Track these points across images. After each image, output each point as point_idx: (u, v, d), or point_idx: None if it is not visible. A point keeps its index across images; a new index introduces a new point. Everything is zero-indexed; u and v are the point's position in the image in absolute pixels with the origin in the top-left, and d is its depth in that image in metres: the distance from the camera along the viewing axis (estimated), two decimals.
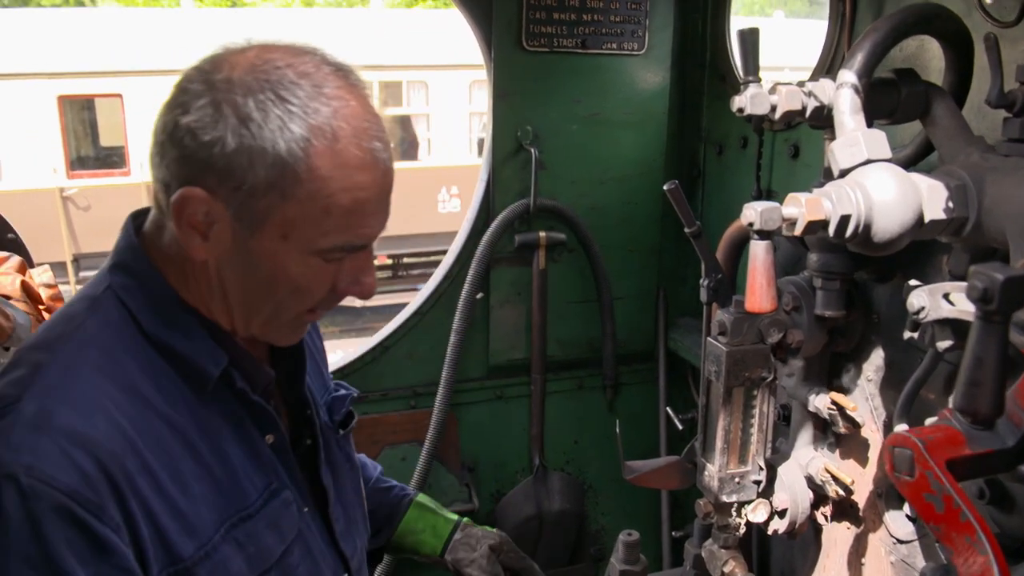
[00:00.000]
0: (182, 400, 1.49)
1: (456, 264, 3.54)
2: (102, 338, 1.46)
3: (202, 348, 1.51)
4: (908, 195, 1.58)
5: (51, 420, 1.33)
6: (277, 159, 1.36)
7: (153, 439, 1.42)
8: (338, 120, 1.39)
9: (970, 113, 1.92)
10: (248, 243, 1.43)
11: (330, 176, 1.39)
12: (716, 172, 3.53)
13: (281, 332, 1.61)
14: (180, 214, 1.41)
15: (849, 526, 2.31)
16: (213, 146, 1.36)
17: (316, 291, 1.52)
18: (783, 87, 1.84)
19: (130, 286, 1.50)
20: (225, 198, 1.39)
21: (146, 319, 1.48)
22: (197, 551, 1.44)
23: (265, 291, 1.50)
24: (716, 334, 2.00)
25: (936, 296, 1.64)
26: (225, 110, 1.36)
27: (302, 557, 1.65)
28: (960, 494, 1.37)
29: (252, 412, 1.60)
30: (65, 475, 1.30)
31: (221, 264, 1.48)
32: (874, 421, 2.20)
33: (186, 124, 1.38)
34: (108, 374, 1.42)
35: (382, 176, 1.46)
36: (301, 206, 1.39)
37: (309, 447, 1.78)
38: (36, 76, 13.73)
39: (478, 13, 3.26)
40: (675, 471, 2.33)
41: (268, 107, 1.36)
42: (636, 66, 3.48)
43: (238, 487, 1.54)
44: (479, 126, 16.37)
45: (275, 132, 1.35)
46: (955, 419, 1.49)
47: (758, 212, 1.64)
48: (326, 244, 1.44)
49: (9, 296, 2.44)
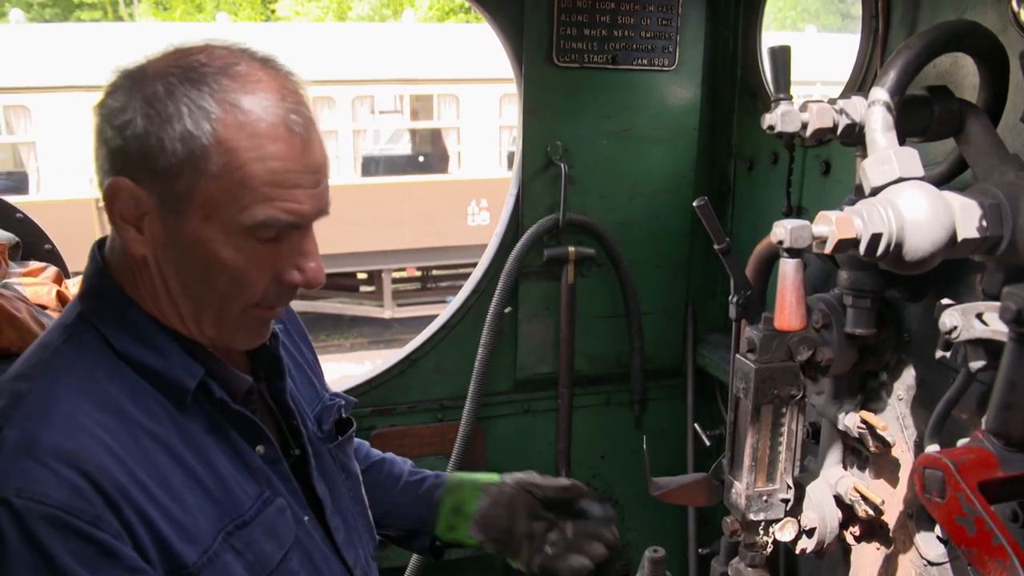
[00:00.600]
0: (165, 415, 1.50)
1: (485, 278, 3.55)
2: (79, 363, 1.47)
3: (176, 362, 1.52)
4: (940, 213, 1.57)
5: (35, 443, 1.34)
6: (185, 133, 1.37)
7: (139, 453, 1.43)
8: (247, 93, 1.41)
9: (1005, 131, 1.90)
10: (177, 230, 1.44)
11: (240, 147, 1.39)
12: (746, 188, 3.51)
13: (237, 332, 1.58)
14: (112, 208, 1.45)
15: (879, 547, 2.28)
16: (125, 130, 1.40)
17: (255, 279, 1.50)
18: (814, 104, 1.84)
19: (100, 309, 1.53)
20: (148, 185, 1.41)
21: (118, 340, 1.50)
22: (200, 557, 1.46)
23: (204, 282, 1.49)
24: (745, 351, 2.00)
25: (969, 316, 1.62)
26: (135, 95, 1.40)
27: (302, 564, 1.65)
28: (993, 517, 1.35)
29: (236, 423, 1.60)
30: (56, 491, 1.31)
31: (159, 258, 1.49)
32: (905, 441, 2.17)
33: (104, 114, 1.43)
34: (88, 396, 1.43)
35: (301, 147, 1.45)
36: (217, 181, 1.40)
37: (299, 458, 1.78)
38: (75, 89, 13.97)
39: (509, 28, 3.28)
40: (702, 488, 2.31)
41: (175, 87, 1.39)
42: (667, 82, 3.48)
43: (230, 496, 1.54)
44: (509, 139, 16.42)
45: (181, 109, 1.38)
46: (988, 441, 1.48)
47: (788, 230, 1.63)
48: (249, 220, 1.43)
49: (45, 306, 2.48)
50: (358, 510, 1.95)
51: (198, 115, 1.38)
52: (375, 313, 17.05)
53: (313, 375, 2.00)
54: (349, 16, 29.96)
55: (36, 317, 2.29)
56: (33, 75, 13.79)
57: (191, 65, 1.41)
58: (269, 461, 1.65)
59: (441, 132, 16.87)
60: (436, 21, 28.23)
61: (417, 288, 18.49)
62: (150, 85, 1.40)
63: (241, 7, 30.28)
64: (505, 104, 16.20)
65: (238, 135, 1.39)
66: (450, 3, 29.40)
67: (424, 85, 16.19)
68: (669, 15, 3.38)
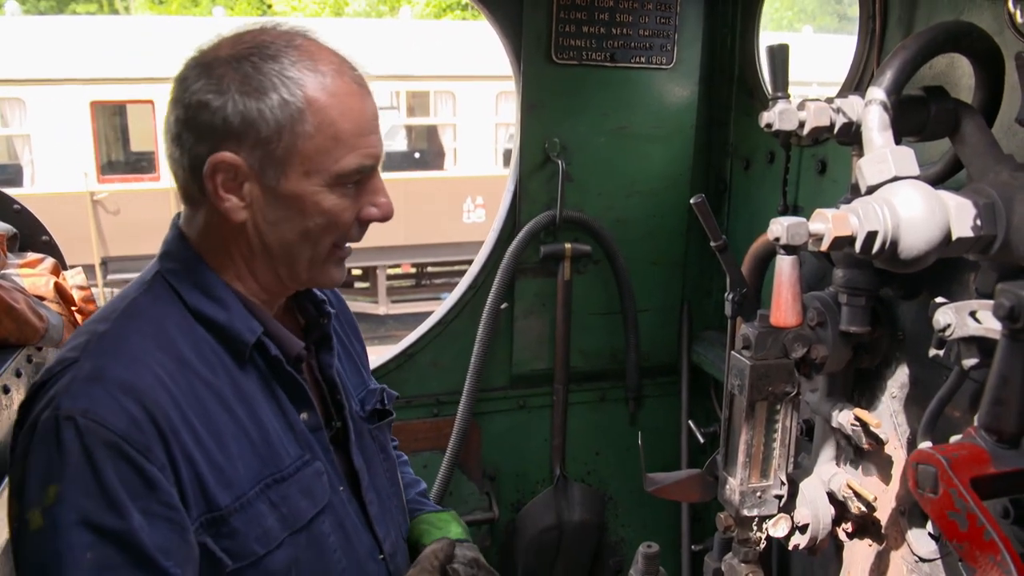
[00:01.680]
0: (222, 368, 1.65)
1: (481, 274, 3.56)
2: (151, 312, 1.64)
3: (239, 318, 1.68)
4: (935, 212, 1.58)
5: (104, 374, 1.50)
6: (282, 103, 1.55)
7: (194, 398, 1.57)
8: (319, 62, 1.60)
9: (1000, 131, 1.91)
10: (277, 190, 1.61)
11: (328, 105, 1.58)
12: (743, 187, 3.53)
13: (326, 272, 1.75)
14: (214, 182, 1.59)
15: (871, 543, 2.30)
16: (224, 110, 1.55)
17: (347, 219, 1.68)
18: (811, 103, 1.85)
19: (176, 270, 1.69)
20: (248, 154, 1.58)
21: (190, 296, 1.66)
22: (233, 502, 1.59)
23: (301, 232, 1.65)
24: (740, 348, 2.01)
25: (962, 314, 1.63)
26: (224, 79, 1.56)
27: (333, 528, 1.76)
28: (984, 512, 1.37)
29: (286, 385, 1.74)
30: (116, 419, 1.46)
31: (258, 221, 1.65)
32: (898, 438, 2.19)
33: (196, 103, 1.57)
34: (155, 341, 1.59)
35: (369, 99, 1.67)
36: (312, 140, 1.58)
37: (340, 429, 1.90)
38: (70, 82, 13.94)
39: (507, 26, 3.29)
40: (696, 484, 2.33)
41: (259, 64, 1.57)
42: (664, 80, 3.50)
43: (273, 452, 1.67)
44: (505, 137, 16.41)
45: (273, 81, 1.56)
46: (980, 437, 1.49)
47: (784, 227, 1.64)
48: (343, 169, 1.62)
49: (43, 297, 2.47)
50: (393, 491, 2.05)
51: (289, 84, 1.56)
52: (370, 309, 17.03)
53: (361, 365, 2.13)
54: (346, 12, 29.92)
55: (34, 308, 2.29)
56: (28, 68, 13.72)
57: (261, 43, 1.59)
58: (312, 428, 1.77)
59: (437, 129, 16.85)
60: (432, 18, 28.21)
61: (412, 285, 18.47)
62: (236, 68, 1.57)
63: (237, 1, 30.21)
64: (501, 101, 16.18)
65: (324, 96, 1.58)
66: None
67: (420, 82, 16.16)
68: (667, 14, 3.40)
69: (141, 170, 15.22)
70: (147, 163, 15.18)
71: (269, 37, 1.61)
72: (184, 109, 1.59)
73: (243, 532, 1.60)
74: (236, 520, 1.59)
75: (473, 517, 3.70)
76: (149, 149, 15.08)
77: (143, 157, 15.33)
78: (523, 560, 3.79)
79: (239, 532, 1.59)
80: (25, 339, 2.19)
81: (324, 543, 1.74)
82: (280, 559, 1.64)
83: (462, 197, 16.34)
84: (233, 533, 1.59)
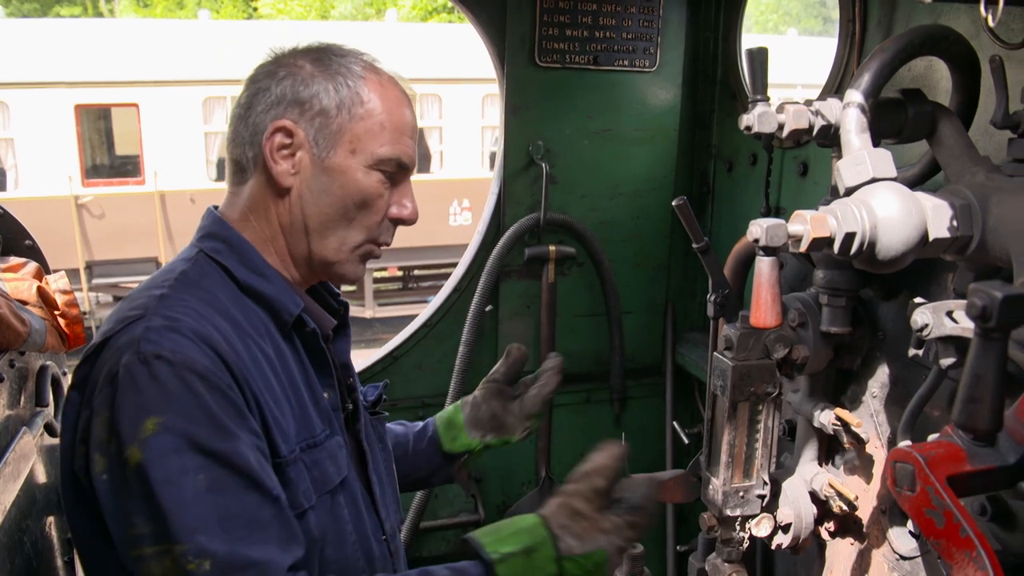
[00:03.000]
0: (269, 337, 1.75)
1: (466, 276, 3.57)
2: (203, 282, 1.73)
3: (284, 292, 1.80)
4: (912, 213, 1.60)
5: (179, 324, 1.58)
6: (343, 84, 1.76)
7: (251, 358, 1.67)
8: (378, 71, 1.84)
9: (977, 133, 1.94)
10: (325, 162, 1.76)
11: (381, 99, 1.79)
12: (726, 189, 3.55)
13: (350, 263, 1.86)
14: (272, 144, 1.75)
15: (852, 542, 2.32)
16: (296, 85, 1.75)
17: (378, 207, 1.82)
18: (790, 106, 1.87)
19: (220, 248, 1.79)
20: (307, 125, 1.75)
21: (238, 271, 1.77)
22: (288, 454, 1.68)
23: (340, 207, 1.79)
24: (722, 349, 2.02)
25: (940, 314, 1.65)
26: (298, 66, 1.78)
27: (347, 502, 1.84)
28: (960, 509, 1.38)
29: (316, 362, 1.86)
30: (203, 359, 1.54)
31: (303, 190, 1.78)
32: (878, 437, 2.21)
33: (265, 76, 1.78)
34: (211, 305, 1.68)
35: (413, 114, 1.87)
36: (363, 123, 1.77)
37: (351, 412, 2.00)
38: (54, 85, 13.87)
39: (491, 28, 3.30)
40: (680, 484, 2.34)
41: (331, 56, 1.80)
42: (648, 83, 3.51)
43: (308, 419, 1.78)
44: (491, 140, 16.42)
45: (341, 69, 1.78)
46: (957, 435, 1.51)
47: (764, 229, 1.66)
48: (384, 154, 1.78)
49: (26, 301, 2.46)
50: (389, 480, 2.13)
51: (353, 74, 1.78)
52: (356, 312, 17.00)
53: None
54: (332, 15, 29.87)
55: (16, 312, 2.28)
56: (12, 71, 13.64)
57: (333, 47, 1.83)
58: (332, 407, 1.89)
59: (423, 132, 16.87)
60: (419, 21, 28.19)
61: (399, 288, 18.46)
62: (311, 58, 1.79)
63: (223, 4, 30.12)
64: (488, 104, 16.21)
65: (379, 91, 1.80)
66: (433, 3, 29.38)
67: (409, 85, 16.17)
68: (650, 17, 3.41)
69: (126, 174, 15.14)
70: (132, 167, 15.10)
71: (338, 47, 1.84)
72: (255, 85, 1.78)
73: (295, 483, 1.68)
74: (291, 470, 1.67)
75: (458, 519, 3.70)
76: (134, 153, 15.01)
77: (128, 161, 15.25)
78: None
79: (292, 482, 1.67)
80: (7, 343, 2.18)
81: (341, 513, 1.81)
82: (313, 521, 1.71)
83: (448, 200, 16.35)
84: (288, 482, 1.66)
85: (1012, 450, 1.48)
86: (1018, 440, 1.48)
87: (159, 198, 14.64)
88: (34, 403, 2.38)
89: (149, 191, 14.64)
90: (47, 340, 2.35)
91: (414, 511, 3.56)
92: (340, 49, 1.83)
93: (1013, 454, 1.48)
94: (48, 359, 2.53)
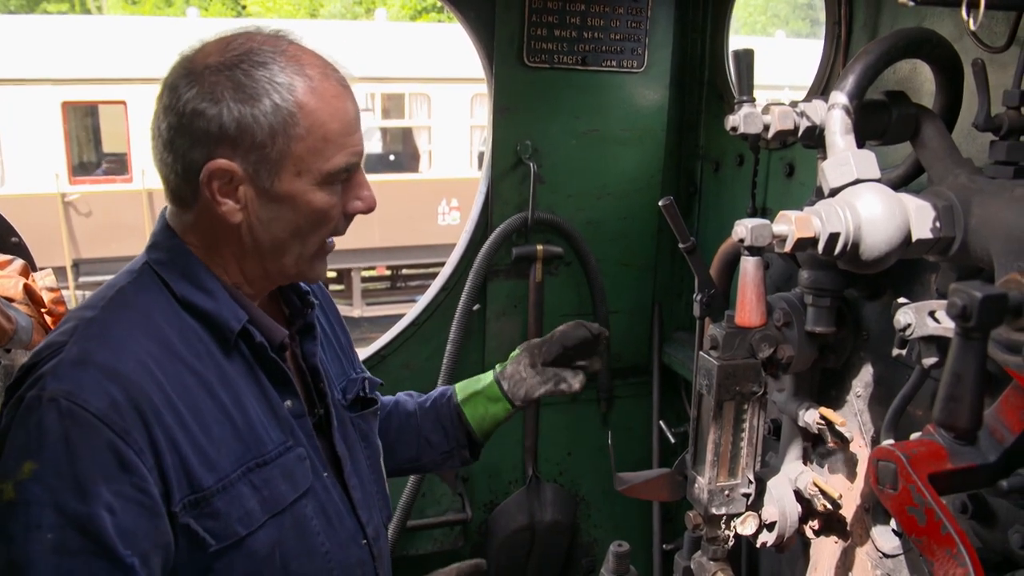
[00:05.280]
0: (208, 355, 1.70)
1: (454, 276, 3.58)
2: (138, 300, 1.69)
3: (225, 306, 1.73)
4: (896, 214, 1.62)
5: (90, 358, 1.56)
6: (275, 108, 1.61)
7: (179, 383, 1.62)
8: (306, 66, 1.66)
9: (960, 135, 1.95)
10: (271, 191, 1.67)
11: (317, 108, 1.65)
12: (713, 189, 3.57)
13: (312, 267, 1.83)
14: (211, 188, 1.65)
15: (836, 540, 2.34)
16: (220, 118, 1.61)
17: (334, 215, 1.75)
18: (776, 107, 1.88)
19: (163, 260, 1.74)
20: (243, 159, 1.63)
21: (177, 285, 1.72)
22: (215, 483, 1.64)
23: (293, 229, 1.72)
24: (708, 348, 2.03)
25: (922, 314, 1.67)
26: (218, 88, 1.61)
27: (316, 512, 1.82)
28: (941, 507, 1.40)
29: (270, 372, 1.80)
30: (98, 401, 1.51)
31: (252, 221, 1.70)
32: (862, 436, 2.23)
33: (191, 111, 1.61)
34: (141, 328, 1.64)
35: (352, 100, 1.74)
36: (304, 142, 1.65)
37: (322, 417, 1.96)
38: (41, 82, 13.80)
39: (480, 28, 3.31)
40: (666, 483, 2.35)
41: (250, 71, 1.62)
42: (635, 83, 3.53)
43: (256, 436, 1.73)
44: (480, 139, 16.43)
45: (266, 88, 1.61)
46: (939, 434, 1.53)
47: (748, 229, 1.67)
48: (333, 168, 1.69)
49: (12, 299, 2.46)
50: (375, 478, 2.10)
51: (280, 89, 1.62)
52: (344, 311, 16.86)
53: (343, 355, 2.19)
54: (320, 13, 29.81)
55: (2, 309, 2.27)
56: None
57: (249, 50, 1.64)
58: (295, 415, 1.84)
59: (412, 131, 16.84)
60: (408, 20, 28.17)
61: (387, 287, 18.44)
62: (228, 76, 1.62)
63: (211, 2, 30.03)
64: (476, 104, 16.20)
65: (313, 99, 1.64)
66: (422, 2, 29.38)
67: (395, 84, 16.14)
68: (638, 18, 3.43)
69: (113, 171, 15.08)
70: (119, 164, 15.04)
71: (256, 43, 1.66)
72: (178, 116, 1.63)
73: (225, 513, 1.64)
74: (218, 501, 1.64)
75: (446, 518, 3.71)
76: (121, 150, 14.95)
77: (115, 158, 15.19)
78: (496, 560, 3.81)
79: (221, 513, 1.64)
80: None
81: (307, 526, 1.79)
82: (263, 540, 1.70)
83: (437, 199, 16.34)
84: (215, 514, 1.63)
85: (992, 448, 1.50)
86: (998, 439, 1.50)
87: (147, 196, 14.58)
88: None
89: (136, 189, 14.58)
90: (33, 337, 2.35)
91: (401, 510, 3.56)
92: (259, 54, 1.64)
93: (993, 452, 1.50)
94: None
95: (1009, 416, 1.49)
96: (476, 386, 2.42)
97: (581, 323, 2.41)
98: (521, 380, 2.37)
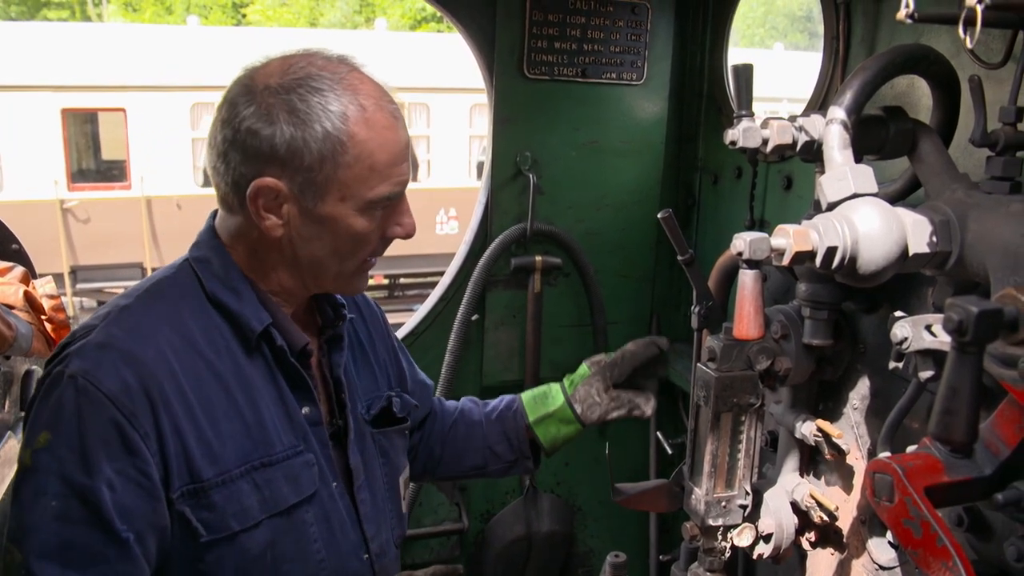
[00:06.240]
0: (227, 353, 1.77)
1: (452, 285, 3.58)
2: (170, 293, 1.79)
3: (250, 308, 1.80)
4: (893, 229, 1.63)
5: (113, 342, 1.66)
6: (325, 135, 1.66)
7: (194, 376, 1.70)
8: (361, 95, 1.72)
9: (956, 151, 1.96)
10: (314, 212, 1.73)
11: (368, 138, 1.70)
12: (711, 201, 3.58)
13: (351, 282, 1.90)
14: (256, 204, 1.71)
15: (833, 552, 2.34)
16: (273, 139, 1.66)
17: (373, 239, 1.81)
18: (774, 122, 1.89)
19: (202, 258, 1.83)
20: (289, 179, 1.69)
21: (209, 283, 1.80)
22: (215, 476, 1.69)
23: (331, 249, 1.79)
24: (706, 360, 2.04)
25: (919, 327, 1.68)
26: (274, 110, 1.67)
27: (317, 520, 1.85)
28: (937, 520, 1.41)
29: (289, 377, 1.85)
30: (111, 382, 1.60)
31: (293, 237, 1.77)
32: (859, 449, 2.23)
33: (245, 129, 1.68)
34: (168, 320, 1.73)
35: (403, 131, 1.80)
36: (351, 169, 1.70)
37: (341, 428, 1.99)
38: (41, 88, 13.81)
39: (480, 39, 3.32)
40: (663, 494, 2.35)
41: (307, 97, 1.67)
42: (635, 96, 3.55)
43: (266, 437, 1.78)
44: (479, 149, 16.45)
45: (319, 115, 1.66)
46: (935, 447, 1.54)
47: (747, 242, 1.68)
48: (376, 196, 1.74)
49: (12, 306, 2.47)
50: (390, 495, 2.11)
51: (333, 117, 1.67)
52: None
53: (379, 370, 2.20)
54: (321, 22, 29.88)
55: (3, 316, 2.28)
56: None
57: (308, 75, 1.69)
58: (312, 422, 1.87)
59: (411, 140, 16.84)
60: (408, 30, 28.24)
61: (385, 296, 18.41)
62: (286, 99, 1.67)
63: (212, 10, 30.09)
64: (475, 114, 16.23)
65: (364, 129, 1.70)
66: (422, 12, 29.44)
67: (395, 93, 16.17)
68: (638, 30, 3.45)
69: (112, 178, 15.08)
70: (118, 171, 15.04)
71: (316, 68, 1.71)
72: (233, 132, 1.69)
73: (221, 506, 1.69)
74: (216, 494, 1.69)
75: (443, 527, 3.71)
76: (120, 157, 14.95)
77: (114, 165, 15.19)
78: (492, 571, 3.80)
79: (217, 506, 1.69)
80: None
81: (304, 532, 1.82)
82: (256, 539, 1.74)
83: (435, 209, 16.34)
84: (211, 506, 1.69)
85: (988, 462, 1.51)
86: (994, 452, 1.51)
87: (145, 203, 14.59)
88: (19, 408, 2.38)
89: (135, 196, 14.59)
90: (33, 345, 2.36)
91: None
92: (316, 79, 1.69)
93: (989, 466, 1.51)
94: (34, 364, 2.53)
95: (1005, 429, 1.50)
96: (547, 407, 2.41)
97: (653, 341, 2.42)
98: (595, 404, 2.38)
